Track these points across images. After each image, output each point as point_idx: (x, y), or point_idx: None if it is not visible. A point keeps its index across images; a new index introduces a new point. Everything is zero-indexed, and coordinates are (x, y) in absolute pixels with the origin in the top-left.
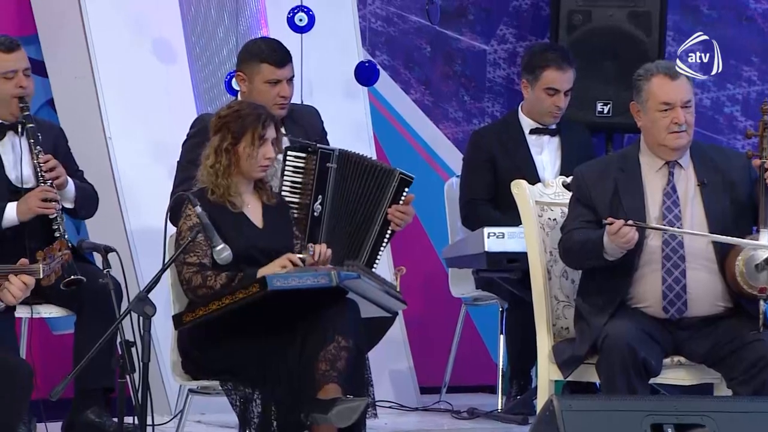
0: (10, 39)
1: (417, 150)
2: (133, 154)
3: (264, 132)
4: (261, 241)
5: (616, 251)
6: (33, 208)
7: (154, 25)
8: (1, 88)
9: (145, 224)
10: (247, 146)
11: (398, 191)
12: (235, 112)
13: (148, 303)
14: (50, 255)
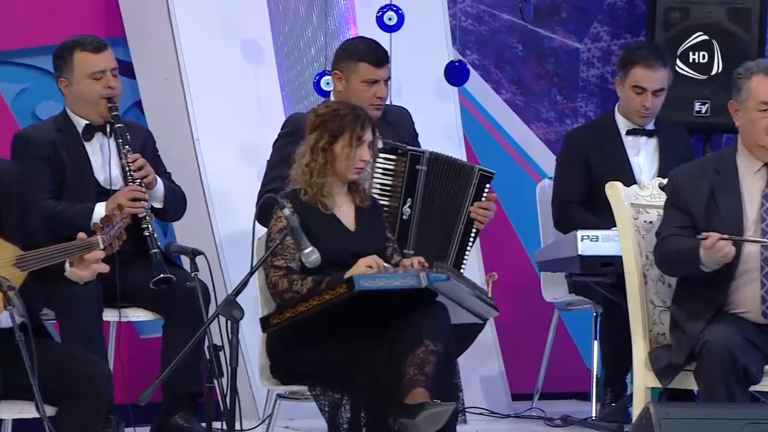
0: (97, 39)
1: (508, 151)
2: (221, 155)
3: (362, 133)
4: (352, 244)
5: (712, 263)
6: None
7: (242, 24)
8: (89, 89)
9: (233, 226)
10: (344, 146)
11: (479, 188)
12: (333, 111)
13: (236, 306)
14: (108, 224)
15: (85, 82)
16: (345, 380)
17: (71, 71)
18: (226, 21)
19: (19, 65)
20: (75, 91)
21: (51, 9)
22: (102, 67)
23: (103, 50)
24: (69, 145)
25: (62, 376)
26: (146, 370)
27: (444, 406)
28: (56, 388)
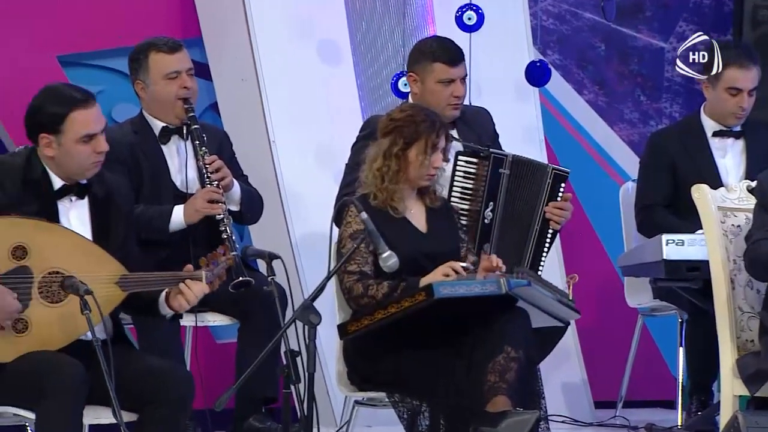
0: (172, 40)
1: (590, 153)
2: (297, 157)
3: (437, 140)
4: (426, 245)
5: None
6: (199, 209)
7: (319, 24)
8: (165, 90)
9: (310, 230)
10: (419, 153)
11: (554, 188)
12: (408, 117)
13: (313, 311)
14: (214, 261)
15: (160, 83)
16: (424, 387)
17: (147, 73)
18: (303, 21)
19: (95, 67)
20: (151, 92)
21: (127, 11)
22: (177, 68)
23: (178, 51)
24: (146, 148)
25: (144, 382)
26: (222, 375)
27: (526, 414)
28: (138, 395)
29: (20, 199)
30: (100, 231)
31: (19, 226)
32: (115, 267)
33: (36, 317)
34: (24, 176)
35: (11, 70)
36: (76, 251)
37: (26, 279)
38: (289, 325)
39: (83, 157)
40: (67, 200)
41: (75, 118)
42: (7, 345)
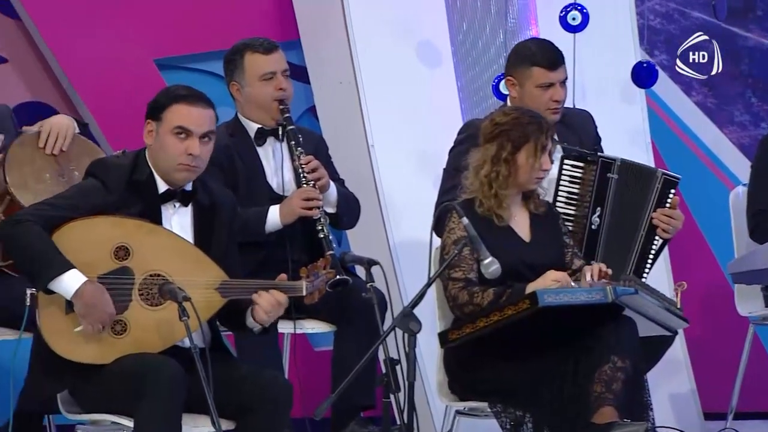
0: (268, 41)
1: (699, 156)
2: (397, 162)
3: (546, 142)
4: (528, 255)
5: None
6: (296, 209)
7: (419, 25)
8: (260, 91)
9: (409, 236)
10: (529, 156)
11: (663, 193)
12: (514, 120)
13: (413, 319)
14: (314, 272)
15: (256, 85)
16: (528, 397)
17: (242, 74)
18: (403, 22)
19: (191, 70)
20: (246, 94)
21: (224, 14)
22: (273, 69)
23: (274, 51)
24: (241, 151)
25: (243, 390)
26: (319, 383)
27: (634, 425)
28: (236, 403)
29: (124, 200)
30: (203, 238)
31: (122, 226)
32: (216, 273)
33: (135, 319)
34: (130, 177)
35: (109, 73)
36: (178, 255)
37: (127, 280)
38: (389, 332)
39: (175, 153)
40: (171, 206)
41: (175, 110)
42: (105, 346)
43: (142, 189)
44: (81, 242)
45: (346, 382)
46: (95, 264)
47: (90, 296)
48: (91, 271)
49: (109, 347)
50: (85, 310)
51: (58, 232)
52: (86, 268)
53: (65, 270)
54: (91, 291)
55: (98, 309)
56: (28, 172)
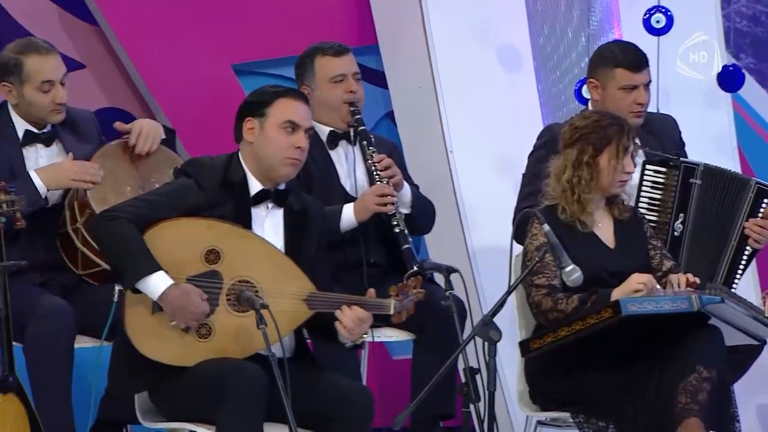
0: (338, 44)
1: None
2: (476, 168)
3: (628, 143)
4: (612, 263)
5: None
6: (370, 205)
7: (499, 28)
8: (331, 94)
9: (489, 243)
10: (611, 158)
11: (755, 203)
12: (594, 123)
13: (493, 327)
14: (404, 292)
15: (326, 87)
16: (611, 408)
17: (313, 77)
18: (482, 25)
19: (268, 76)
20: (317, 97)
21: (302, 19)
22: (343, 71)
23: (344, 54)
24: (314, 154)
25: (324, 400)
26: (398, 392)
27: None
28: (318, 413)
29: (216, 200)
30: (293, 244)
31: (215, 230)
32: (305, 283)
33: (220, 324)
34: (223, 178)
35: (187, 78)
36: (268, 262)
37: (216, 284)
38: (468, 341)
39: (282, 147)
40: (264, 207)
41: (281, 104)
42: (189, 349)
43: (235, 190)
44: (173, 243)
45: (426, 391)
46: (185, 265)
47: (176, 299)
48: (181, 273)
49: (192, 350)
50: (172, 312)
51: (150, 231)
52: (176, 269)
53: (153, 271)
54: (177, 294)
55: (186, 311)
56: (108, 185)
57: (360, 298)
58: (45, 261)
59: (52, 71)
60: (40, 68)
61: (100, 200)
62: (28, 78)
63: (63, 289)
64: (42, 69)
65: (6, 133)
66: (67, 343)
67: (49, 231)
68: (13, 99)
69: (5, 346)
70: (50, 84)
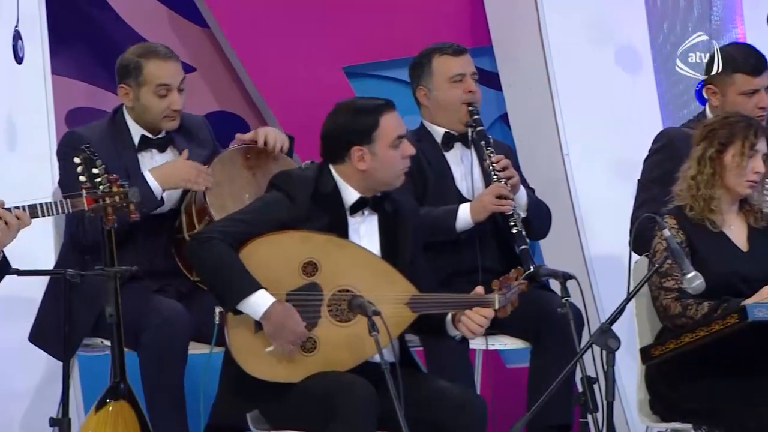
0: (456, 44)
1: None
2: (593, 171)
3: (756, 141)
4: (744, 266)
5: None
6: (487, 205)
7: (617, 28)
8: (449, 94)
9: (606, 248)
10: (735, 155)
11: None
12: (723, 119)
13: (611, 335)
14: (506, 284)
15: (444, 87)
16: (736, 418)
17: (430, 78)
18: (600, 26)
19: (380, 78)
20: (434, 98)
21: (415, 20)
22: (462, 71)
23: (463, 54)
24: (429, 156)
25: (436, 407)
26: (513, 401)
27: None
28: (429, 420)
29: (310, 214)
30: (389, 248)
31: (309, 242)
32: (406, 287)
33: (324, 336)
34: (315, 190)
35: (298, 81)
36: (367, 269)
37: (316, 296)
38: (586, 350)
39: (396, 164)
40: (360, 214)
41: (385, 122)
42: (295, 364)
43: (327, 201)
44: (269, 259)
45: (542, 400)
46: (283, 280)
47: (279, 317)
48: (280, 288)
49: (299, 365)
50: (274, 332)
51: (245, 249)
52: (274, 285)
53: (253, 290)
54: (280, 312)
55: (287, 330)
56: (227, 192)
57: (464, 296)
58: (162, 267)
59: (170, 76)
60: (158, 72)
61: (219, 207)
62: (146, 81)
63: (179, 295)
64: (160, 73)
65: (122, 138)
66: (182, 348)
67: (165, 237)
68: (129, 102)
69: (117, 353)
70: (167, 89)
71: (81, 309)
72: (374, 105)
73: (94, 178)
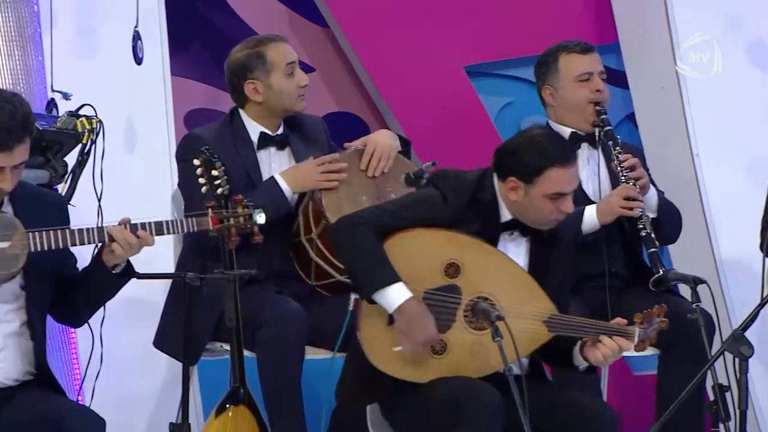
0: (584, 42)
1: None
2: (724, 172)
3: None
4: None
5: None
6: (615, 207)
7: (751, 22)
8: (576, 93)
9: (738, 252)
10: None
11: None
12: None
13: (744, 342)
14: (648, 320)
15: (570, 86)
16: None
17: (556, 76)
18: (732, 20)
19: (503, 77)
20: (560, 97)
21: (539, 18)
22: (589, 69)
23: (590, 52)
24: None
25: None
26: (640, 410)
27: None
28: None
29: (462, 217)
30: (538, 267)
31: (456, 243)
32: (546, 305)
33: (456, 341)
34: (473, 194)
35: (418, 81)
36: (510, 280)
37: (454, 299)
38: (717, 357)
39: (546, 213)
40: (509, 233)
41: (551, 175)
42: (422, 365)
43: (483, 209)
44: (413, 253)
45: (672, 409)
46: (424, 277)
47: (412, 314)
48: (419, 285)
49: (426, 366)
50: (405, 327)
51: (390, 240)
52: (414, 281)
53: (392, 282)
54: (414, 309)
55: (419, 329)
56: (343, 195)
57: (604, 323)
58: (279, 270)
59: (292, 54)
60: (281, 53)
61: (336, 210)
62: (273, 65)
63: (297, 299)
64: (283, 53)
65: (241, 138)
66: (300, 347)
67: (283, 239)
68: (259, 96)
69: (236, 357)
70: (292, 66)
71: (201, 313)
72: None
73: (214, 180)
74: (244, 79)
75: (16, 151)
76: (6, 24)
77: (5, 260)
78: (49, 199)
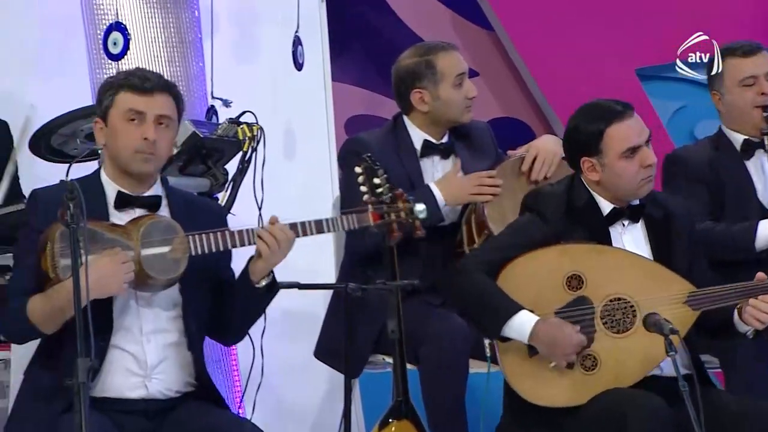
0: (749, 43)
1: None
2: None
3: None
4: None
5: None
6: None
7: None
8: (740, 98)
9: None
10: None
11: None
12: None
13: None
14: None
15: (735, 91)
16: None
17: (721, 81)
18: None
19: (674, 80)
20: (727, 102)
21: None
22: (753, 73)
23: (754, 54)
24: (728, 165)
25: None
26: None
27: None
28: None
29: (565, 229)
30: (661, 251)
31: (569, 254)
32: (681, 285)
33: (605, 351)
34: (568, 205)
35: (587, 85)
36: (635, 273)
37: (587, 310)
38: None
39: (631, 174)
40: (619, 225)
41: (612, 134)
42: (578, 385)
43: (583, 214)
44: (529, 278)
45: None
46: (549, 298)
47: (547, 334)
48: (546, 306)
49: (582, 385)
50: (548, 350)
51: (503, 272)
52: (541, 305)
53: (512, 314)
54: (546, 330)
55: (562, 342)
56: (507, 205)
57: (746, 284)
58: None
59: (463, 64)
60: (452, 63)
61: (499, 220)
62: (443, 76)
63: None
64: (454, 63)
65: (404, 145)
66: (464, 363)
67: (446, 250)
68: (425, 106)
69: (398, 370)
70: (462, 77)
71: (363, 324)
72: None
73: (375, 188)
74: (412, 87)
75: (158, 99)
76: (167, 30)
77: (166, 265)
78: (206, 206)
